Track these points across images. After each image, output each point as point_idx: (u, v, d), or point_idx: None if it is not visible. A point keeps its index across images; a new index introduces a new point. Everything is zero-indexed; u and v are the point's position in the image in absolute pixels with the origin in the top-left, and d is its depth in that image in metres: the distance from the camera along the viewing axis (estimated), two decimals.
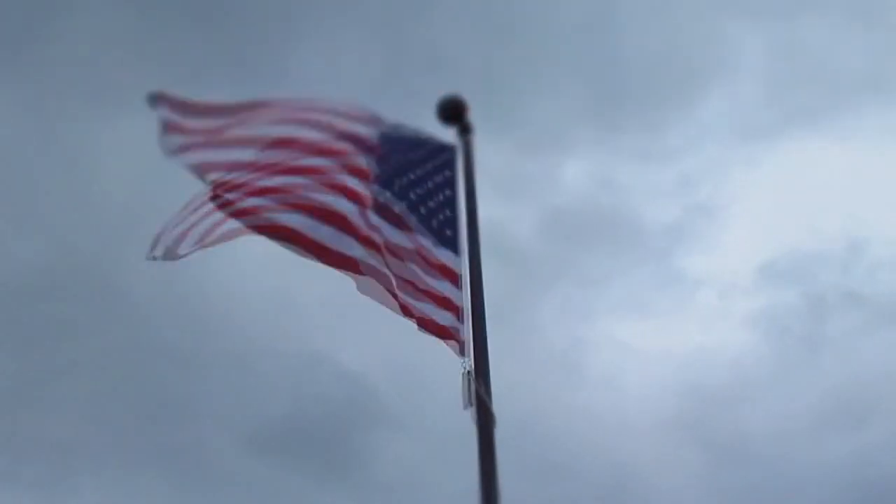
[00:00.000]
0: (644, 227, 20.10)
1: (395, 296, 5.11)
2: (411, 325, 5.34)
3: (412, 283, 5.19)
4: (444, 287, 5.20)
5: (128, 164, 17.63)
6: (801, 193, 21.42)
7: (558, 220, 18.69)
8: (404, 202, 5.37)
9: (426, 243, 5.31)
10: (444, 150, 5.59)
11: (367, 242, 5.12)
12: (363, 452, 16.83)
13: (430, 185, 5.46)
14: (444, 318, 5.13)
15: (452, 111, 5.58)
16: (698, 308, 20.22)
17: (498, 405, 4.76)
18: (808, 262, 19.90)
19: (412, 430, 16.50)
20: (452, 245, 5.31)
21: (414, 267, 5.21)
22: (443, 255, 5.28)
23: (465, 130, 5.61)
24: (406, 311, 5.16)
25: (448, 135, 5.65)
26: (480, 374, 4.86)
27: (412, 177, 5.46)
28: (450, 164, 5.54)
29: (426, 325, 5.08)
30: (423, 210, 5.39)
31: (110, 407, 16.14)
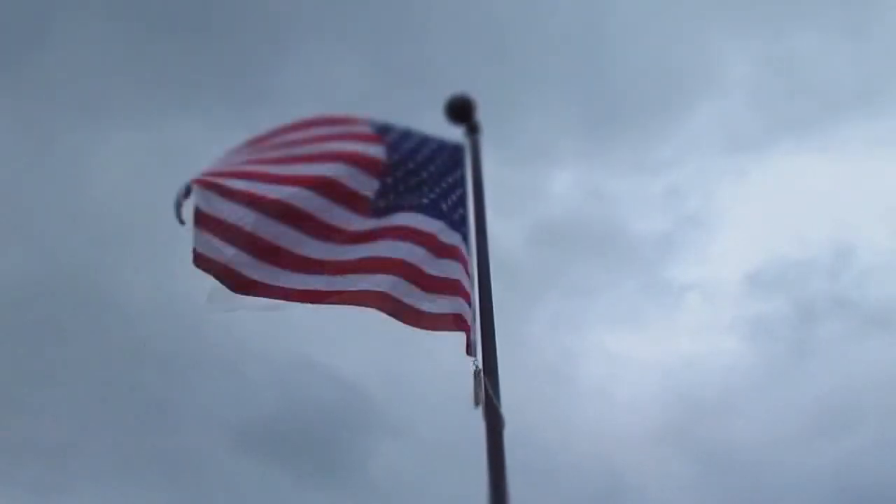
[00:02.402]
0: (634, 238, 20.20)
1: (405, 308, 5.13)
2: (400, 331, 5.33)
3: (421, 273, 5.16)
4: (455, 270, 5.16)
5: (119, 175, 17.65)
6: (789, 203, 21.66)
7: (548, 232, 18.74)
8: (417, 201, 5.37)
9: (441, 226, 5.29)
10: (453, 151, 5.56)
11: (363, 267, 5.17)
12: (355, 455, 16.81)
13: (443, 185, 5.44)
14: (456, 305, 5.09)
15: (460, 110, 5.54)
16: (688, 318, 20.33)
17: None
18: (796, 271, 20.08)
19: (404, 434, 16.50)
20: (465, 243, 5.27)
21: (425, 251, 5.19)
22: (456, 240, 5.25)
23: (472, 130, 5.58)
24: (414, 318, 5.16)
25: (456, 134, 5.61)
26: (489, 374, 4.82)
27: (423, 178, 5.44)
28: (459, 164, 5.51)
29: (438, 322, 5.05)
30: (442, 206, 5.37)
31: (103, 410, 16.13)
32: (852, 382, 17.39)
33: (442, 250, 5.22)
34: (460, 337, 5.04)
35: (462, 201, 5.39)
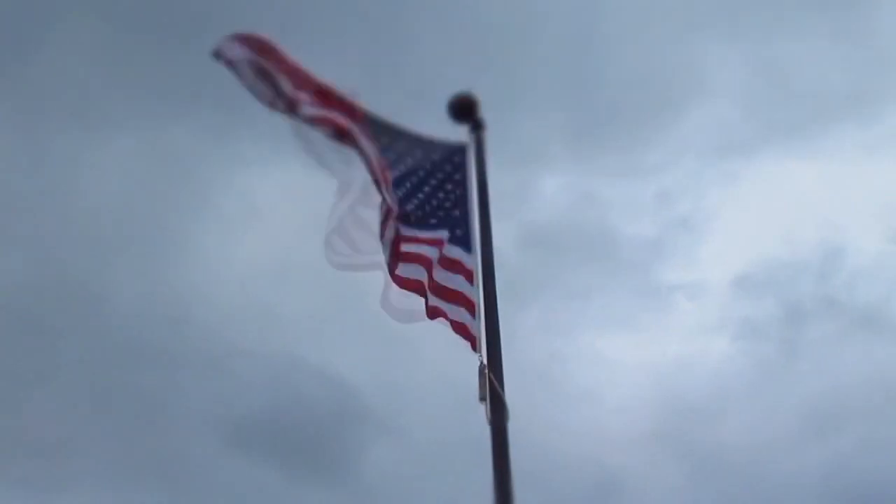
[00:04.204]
0: (624, 242, 20.27)
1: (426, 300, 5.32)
2: (393, 331, 5.41)
3: (439, 285, 5.29)
4: (458, 283, 5.22)
5: (112, 180, 17.70)
6: (778, 207, 21.81)
7: (539, 236, 18.80)
8: (417, 202, 5.43)
9: (443, 239, 5.37)
10: (455, 151, 5.58)
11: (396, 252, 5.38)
12: (348, 453, 16.86)
13: (444, 188, 5.48)
14: (461, 315, 5.16)
15: (463, 108, 5.55)
16: (677, 320, 20.41)
17: (482, 424, 4.76)
18: (785, 273, 20.22)
19: (397, 433, 16.53)
20: (465, 243, 5.31)
21: (438, 267, 5.29)
22: (456, 253, 5.30)
23: (476, 127, 5.59)
24: (435, 314, 5.31)
25: (460, 132, 5.62)
26: (494, 367, 4.85)
27: (430, 182, 5.49)
28: (461, 165, 5.52)
29: (455, 327, 5.15)
30: (439, 209, 5.42)
31: (96, 409, 16.14)
32: (841, 383, 17.54)
33: (447, 263, 5.33)
34: (454, 338, 5.12)
35: (463, 201, 5.42)
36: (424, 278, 5.33)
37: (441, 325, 5.34)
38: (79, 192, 17.71)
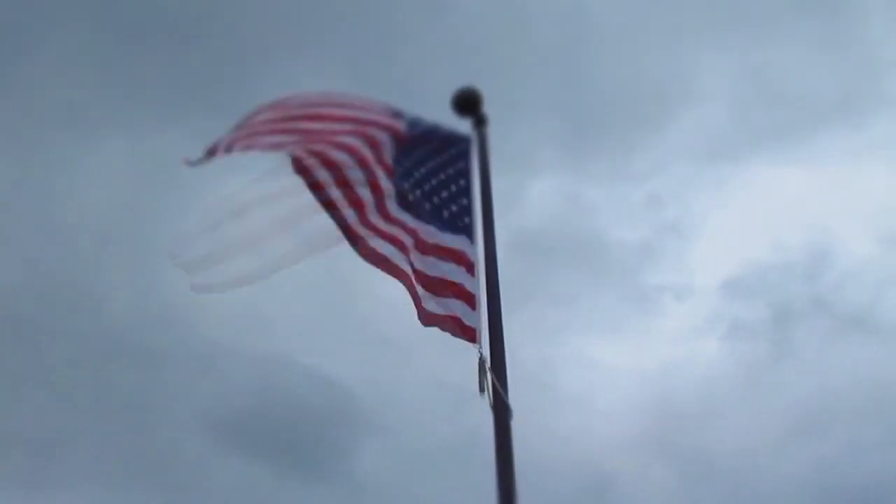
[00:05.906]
0: (613, 246, 20.30)
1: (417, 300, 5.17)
2: (384, 330, 5.34)
3: (427, 276, 5.19)
4: (457, 273, 5.16)
5: (103, 184, 17.68)
6: (767, 211, 21.92)
7: (528, 240, 18.82)
8: (419, 191, 5.38)
9: (438, 231, 5.30)
10: (460, 141, 5.57)
11: (386, 237, 5.22)
12: (339, 452, 16.84)
13: (445, 174, 5.45)
14: (458, 307, 5.08)
15: (467, 103, 5.56)
16: (667, 324, 20.44)
17: (473, 425, 4.71)
18: (774, 277, 20.32)
19: (388, 432, 16.52)
20: (468, 233, 5.26)
21: (430, 257, 5.21)
22: (458, 242, 5.23)
23: (480, 122, 5.60)
24: (428, 319, 5.18)
25: (464, 126, 5.63)
26: (496, 365, 4.79)
27: (429, 166, 5.45)
28: (465, 155, 5.51)
29: (446, 322, 5.06)
30: (436, 199, 5.37)
31: (87, 407, 16.18)
32: (830, 385, 17.64)
33: (444, 252, 5.24)
34: (447, 338, 5.07)
35: (467, 191, 5.40)
36: (402, 262, 5.22)
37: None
38: (70, 194, 17.71)
